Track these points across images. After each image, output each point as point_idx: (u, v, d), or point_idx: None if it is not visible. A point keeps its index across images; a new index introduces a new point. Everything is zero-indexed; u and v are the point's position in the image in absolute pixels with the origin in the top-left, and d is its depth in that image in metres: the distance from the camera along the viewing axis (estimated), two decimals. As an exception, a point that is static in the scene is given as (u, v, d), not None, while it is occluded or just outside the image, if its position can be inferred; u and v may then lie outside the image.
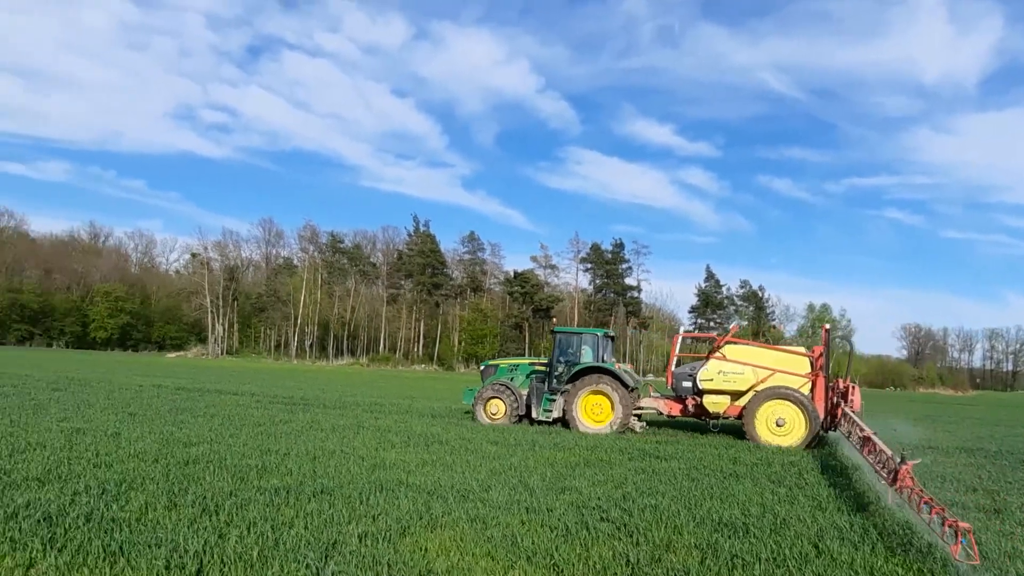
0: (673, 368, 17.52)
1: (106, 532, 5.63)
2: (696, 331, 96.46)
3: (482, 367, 19.76)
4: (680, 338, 19.07)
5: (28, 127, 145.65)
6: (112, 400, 18.11)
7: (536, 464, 11.03)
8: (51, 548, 5.17)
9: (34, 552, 5.07)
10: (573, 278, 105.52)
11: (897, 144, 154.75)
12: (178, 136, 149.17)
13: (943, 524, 6.24)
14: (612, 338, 18.41)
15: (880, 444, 10.03)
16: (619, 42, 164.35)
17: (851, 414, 13.79)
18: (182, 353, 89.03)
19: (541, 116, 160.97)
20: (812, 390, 15.87)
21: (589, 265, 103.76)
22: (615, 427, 16.20)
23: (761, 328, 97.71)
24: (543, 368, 17.96)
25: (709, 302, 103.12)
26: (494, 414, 17.31)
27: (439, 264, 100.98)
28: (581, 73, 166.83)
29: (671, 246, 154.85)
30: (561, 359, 17.46)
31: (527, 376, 18.08)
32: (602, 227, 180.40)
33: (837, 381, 15.91)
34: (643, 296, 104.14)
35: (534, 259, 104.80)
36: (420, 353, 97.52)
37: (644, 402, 17.44)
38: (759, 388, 15.97)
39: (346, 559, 5.36)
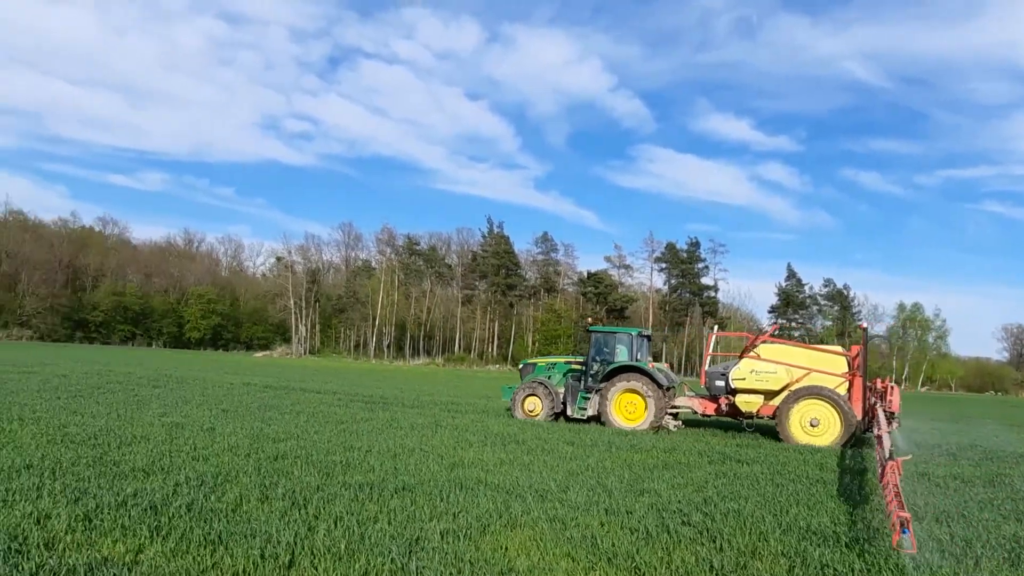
0: (707, 367, 17.49)
1: (205, 522, 5.95)
2: (775, 332, 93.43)
3: (520, 365, 20.26)
4: (714, 337, 18.84)
5: (130, 141, 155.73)
6: (206, 397, 19.11)
7: (613, 465, 10.94)
8: (157, 535, 5.51)
9: (142, 539, 5.41)
10: (647, 278, 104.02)
11: (995, 133, 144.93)
12: (264, 145, 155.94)
13: (889, 515, 6.33)
14: (648, 337, 18.59)
15: (885, 442, 9.80)
16: (694, 37, 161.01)
17: (882, 414, 13.47)
18: (268, 352, 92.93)
19: (614, 115, 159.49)
20: (849, 390, 15.58)
21: (664, 265, 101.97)
22: (648, 425, 16.31)
23: (847, 328, 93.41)
24: (579, 367, 18.26)
25: (790, 301, 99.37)
26: (531, 411, 17.83)
27: (513, 265, 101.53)
28: (654, 70, 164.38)
29: (749, 244, 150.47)
30: (596, 358, 17.71)
31: (564, 374, 18.42)
32: (676, 226, 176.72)
33: (875, 381, 15.55)
34: (720, 296, 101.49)
35: (608, 259, 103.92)
36: (494, 353, 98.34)
37: (679, 401, 17.52)
38: (794, 387, 15.77)
39: (429, 555, 5.47)
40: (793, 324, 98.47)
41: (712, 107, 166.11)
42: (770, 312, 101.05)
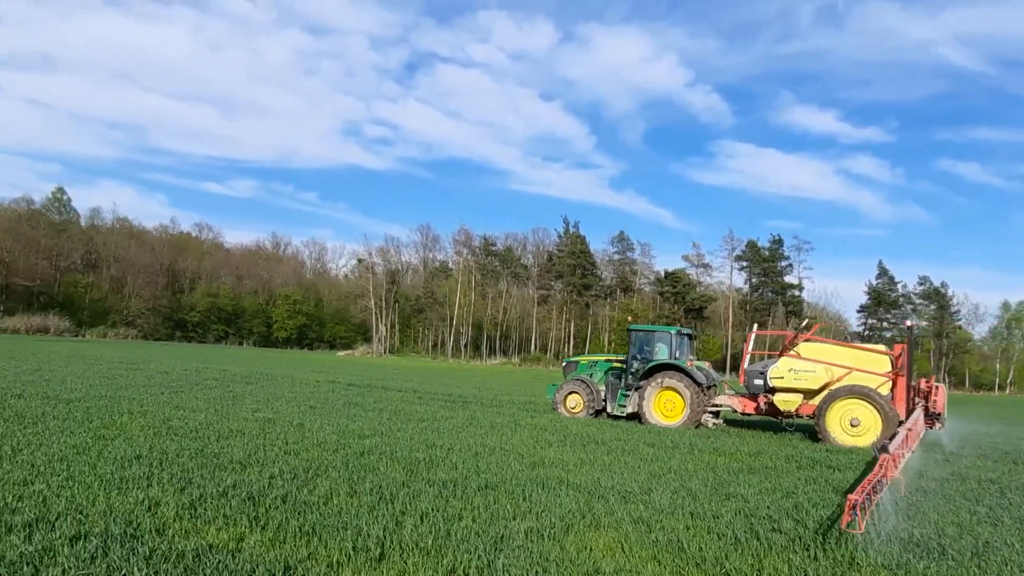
0: (746, 366, 17.35)
1: (300, 513, 6.19)
2: (866, 332, 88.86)
3: (564, 363, 20.95)
4: (753, 336, 18.72)
5: (223, 150, 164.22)
6: (295, 394, 19.90)
7: (696, 468, 10.70)
8: (256, 525, 5.78)
9: (243, 528, 5.69)
10: (727, 277, 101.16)
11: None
12: (345, 151, 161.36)
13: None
14: (690, 336, 18.76)
15: (899, 437, 9.82)
16: (775, 27, 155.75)
17: (919, 413, 13.42)
18: (350, 352, 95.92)
19: (691, 111, 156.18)
20: (893, 389, 15.25)
21: (744, 263, 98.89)
22: (685, 423, 16.51)
23: (944, 329, 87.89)
24: (620, 365, 18.62)
25: (881, 301, 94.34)
26: (573, 408, 18.29)
27: (589, 265, 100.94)
28: (733, 63, 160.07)
29: (836, 241, 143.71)
30: (637, 356, 17.98)
31: (605, 372, 18.80)
32: (757, 223, 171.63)
33: (920, 381, 15.26)
34: (805, 295, 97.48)
35: (686, 258, 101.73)
36: (570, 353, 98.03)
37: (719, 399, 17.53)
38: (834, 387, 15.50)
39: (514, 553, 5.50)
40: (884, 324, 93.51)
41: (795, 99, 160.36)
42: (859, 311, 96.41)
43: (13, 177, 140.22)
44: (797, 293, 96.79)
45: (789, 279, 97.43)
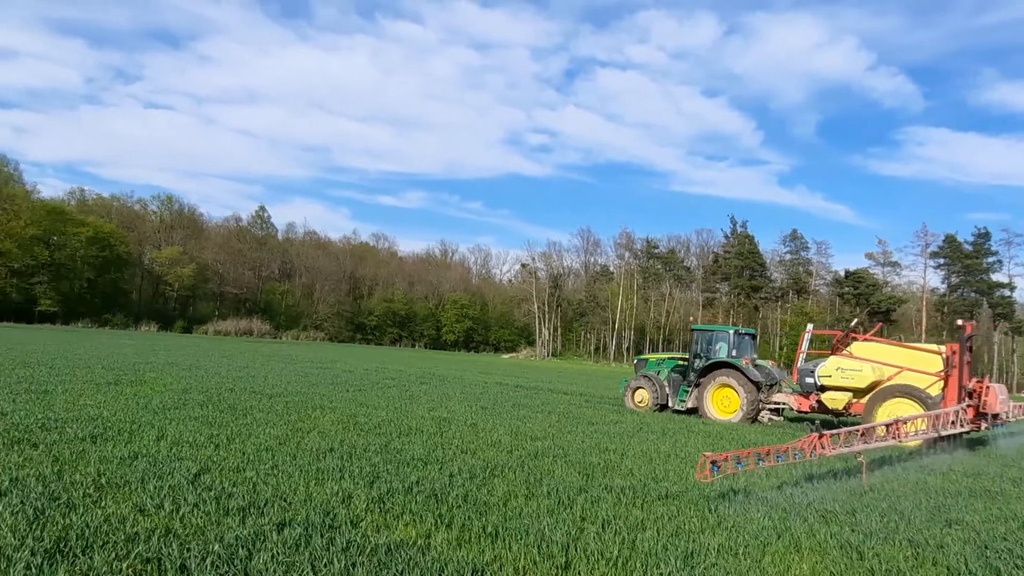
0: (799, 364, 17.74)
1: (481, 514, 6.18)
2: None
3: (635, 360, 22.76)
4: (807, 334, 18.89)
5: (397, 165, 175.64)
6: (465, 394, 20.52)
7: (904, 488, 9.48)
8: (441, 523, 5.84)
9: (429, 524, 5.77)
10: (919, 276, 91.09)
11: None
12: (507, 160, 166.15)
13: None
14: (750, 335, 19.62)
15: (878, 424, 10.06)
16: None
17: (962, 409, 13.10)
18: (514, 355, 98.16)
19: (873, 96, 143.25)
20: (944, 389, 15.11)
21: (941, 260, 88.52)
22: (740, 419, 17.25)
23: None
24: (684, 363, 19.81)
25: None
26: (639, 402, 19.67)
27: (758, 266, 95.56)
28: (923, 40, 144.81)
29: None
30: (699, 354, 19.07)
31: (670, 370, 19.92)
32: (953, 216, 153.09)
33: (972, 380, 14.80)
34: (1017, 295, 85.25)
35: (870, 256, 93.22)
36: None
37: (776, 397, 18.04)
38: (884, 386, 15.73)
39: (708, 572, 5.08)
40: None
41: (999, 76, 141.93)
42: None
43: (224, 199, 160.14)
44: (1007, 292, 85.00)
45: (997, 277, 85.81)
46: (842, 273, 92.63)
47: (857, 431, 9.79)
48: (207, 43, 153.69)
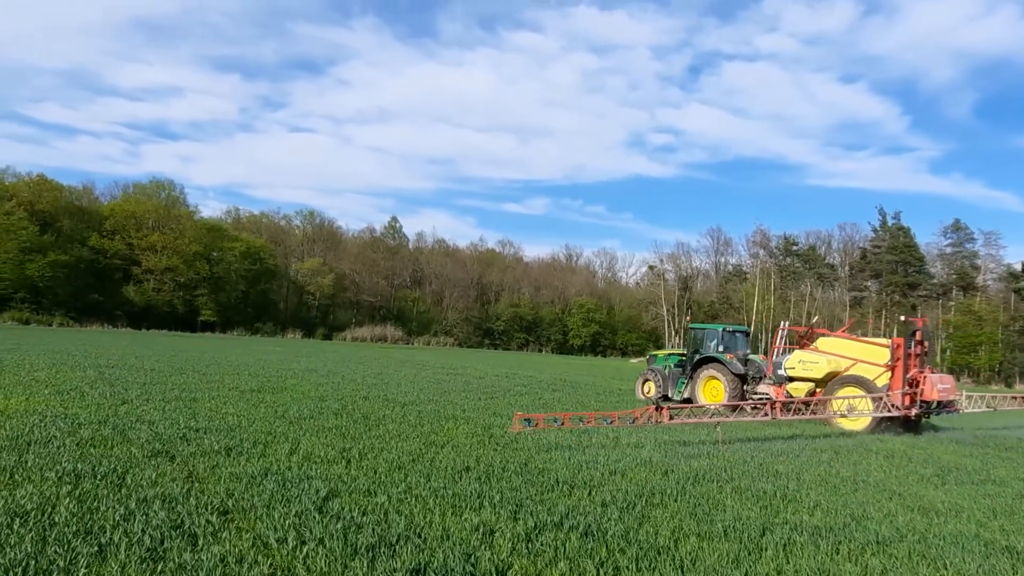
0: (774, 358, 19.29)
1: (651, 562, 5.06)
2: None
3: (648, 356, 25.18)
4: (783, 330, 20.41)
5: (519, 173, 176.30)
6: (600, 402, 19.36)
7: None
8: (602, 572, 4.78)
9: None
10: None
11: None
12: (629, 162, 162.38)
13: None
14: (743, 332, 21.43)
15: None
16: None
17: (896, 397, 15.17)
18: (642, 359, 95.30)
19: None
20: (891, 379, 16.23)
21: None
22: (725, 404, 17.13)
23: None
24: (683, 358, 21.76)
25: None
26: (647, 393, 21.66)
27: (915, 260, 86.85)
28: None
29: None
30: (697, 350, 20.69)
31: (674, 364, 21.81)
32: None
33: (915, 372, 15.98)
34: None
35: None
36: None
37: (760, 388, 19.07)
38: (839, 376, 17.27)
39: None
40: None
41: None
42: None
43: (360, 212, 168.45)
44: None
45: None
46: (1018, 267, 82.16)
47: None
48: (343, 68, 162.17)
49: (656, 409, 11.68)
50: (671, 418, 12.10)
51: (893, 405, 15.25)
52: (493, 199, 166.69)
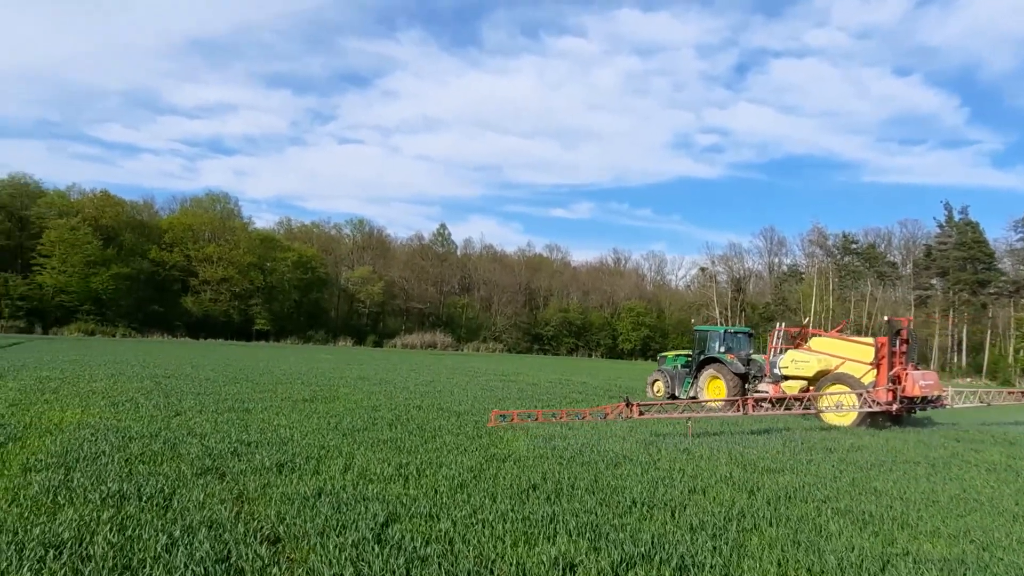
0: (771, 357, 19.80)
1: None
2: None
3: (659, 357, 25.92)
4: (778, 331, 20.72)
5: (565, 178, 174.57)
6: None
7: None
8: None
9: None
10: None
11: None
12: (675, 164, 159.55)
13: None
14: (745, 334, 22.62)
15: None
16: None
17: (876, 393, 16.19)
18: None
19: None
20: (877, 376, 16.93)
21: None
22: (726, 400, 17.46)
23: None
24: (689, 358, 22.85)
25: None
26: (657, 392, 22.82)
27: (985, 257, 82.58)
28: None
29: None
30: (701, 351, 21.76)
31: (681, 365, 23.17)
32: None
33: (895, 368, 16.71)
34: None
35: None
36: (962, 363, 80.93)
37: (761, 387, 19.47)
38: (828, 374, 17.66)
39: None
40: None
41: None
42: None
43: (407, 220, 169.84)
44: None
45: None
46: (1098, 261, 77.18)
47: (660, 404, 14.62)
48: (390, 79, 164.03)
49: (627, 405, 12.84)
50: (641, 413, 13.08)
51: (875, 401, 16.08)
52: (539, 204, 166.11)
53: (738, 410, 14.43)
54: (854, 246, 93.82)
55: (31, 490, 5.99)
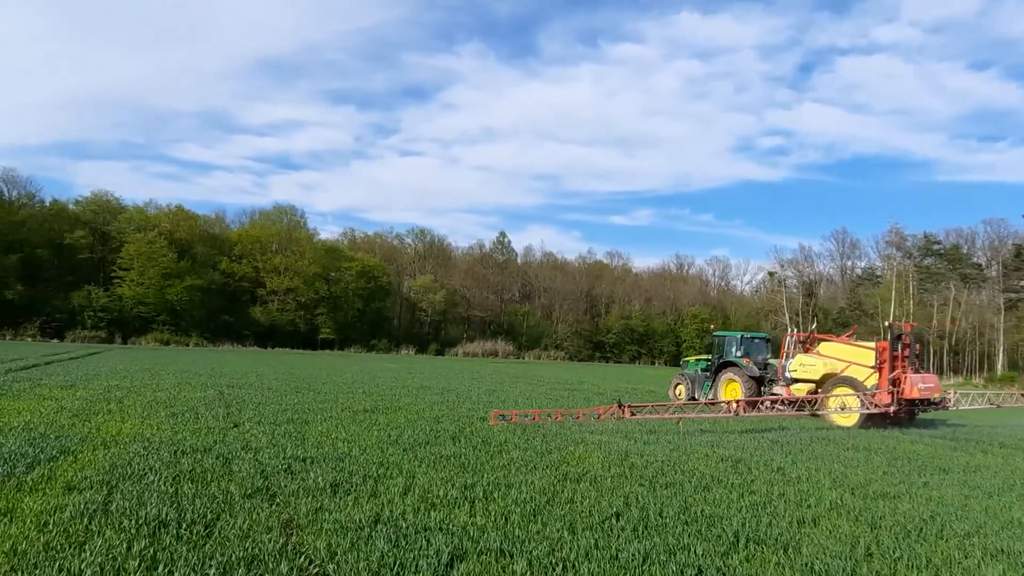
0: (782, 361, 20.50)
1: None
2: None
3: (682, 361, 27.28)
4: (789, 337, 21.19)
5: (624, 185, 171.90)
6: (737, 422, 17.18)
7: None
8: None
9: None
10: None
11: None
12: (737, 167, 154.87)
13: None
14: (762, 339, 23.33)
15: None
16: None
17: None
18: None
19: None
20: (879, 379, 17.52)
21: None
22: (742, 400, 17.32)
23: None
24: (709, 363, 23.62)
25: None
26: (678, 395, 23.65)
27: (1084, 255, 76.60)
28: None
29: None
30: (719, 355, 22.59)
31: (701, 369, 23.77)
32: None
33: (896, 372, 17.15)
34: None
35: None
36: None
37: (776, 390, 20.00)
38: (833, 377, 18.47)
39: None
40: None
41: None
42: None
43: (467, 229, 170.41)
44: None
45: None
46: None
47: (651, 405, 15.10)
48: (450, 92, 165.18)
49: (619, 406, 13.52)
50: (633, 414, 13.65)
51: (873, 403, 16.68)
52: (597, 212, 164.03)
53: (728, 411, 15.37)
54: (936, 247, 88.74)
55: (64, 514, 5.47)
